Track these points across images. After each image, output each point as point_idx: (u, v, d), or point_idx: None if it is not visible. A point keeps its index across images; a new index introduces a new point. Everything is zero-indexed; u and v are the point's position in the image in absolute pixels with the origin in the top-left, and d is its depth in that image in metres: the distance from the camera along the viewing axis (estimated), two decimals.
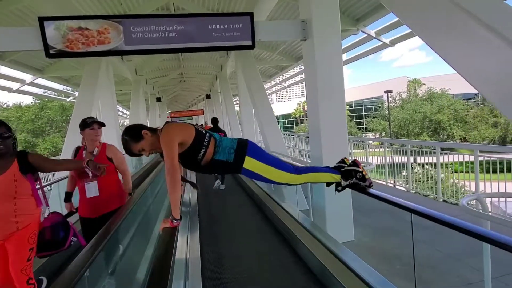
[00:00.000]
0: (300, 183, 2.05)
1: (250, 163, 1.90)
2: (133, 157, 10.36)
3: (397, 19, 8.31)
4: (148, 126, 1.98)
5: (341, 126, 3.37)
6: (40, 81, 12.11)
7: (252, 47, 3.09)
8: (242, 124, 8.41)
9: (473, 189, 5.62)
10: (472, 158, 5.30)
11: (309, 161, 10.99)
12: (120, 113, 25.25)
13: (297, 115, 58.51)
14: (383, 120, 33.05)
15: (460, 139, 28.64)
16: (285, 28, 3.42)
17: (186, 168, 2.06)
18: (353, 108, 46.60)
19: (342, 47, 9.75)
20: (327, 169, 2.12)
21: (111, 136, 7.41)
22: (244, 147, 1.94)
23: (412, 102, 31.83)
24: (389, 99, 34.06)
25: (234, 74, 16.36)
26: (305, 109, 58.62)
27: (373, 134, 32.99)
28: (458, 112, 29.41)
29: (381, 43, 8.83)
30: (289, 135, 14.69)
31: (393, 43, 8.79)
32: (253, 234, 4.13)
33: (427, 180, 10.38)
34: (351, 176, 2.08)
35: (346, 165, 2.14)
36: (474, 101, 33.17)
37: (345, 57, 10.10)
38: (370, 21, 8.38)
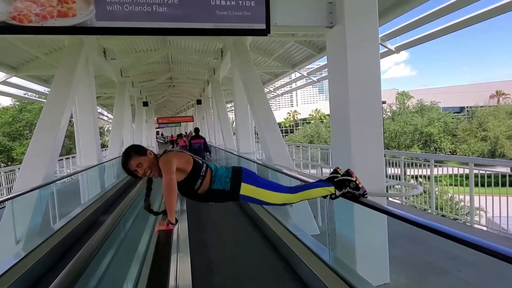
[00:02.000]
0: (295, 202, 2.14)
1: (246, 189, 1.98)
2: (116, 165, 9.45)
3: (405, 23, 7.86)
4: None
5: (377, 139, 2.66)
6: (16, 80, 11.13)
7: (266, 32, 2.37)
8: (237, 131, 7.67)
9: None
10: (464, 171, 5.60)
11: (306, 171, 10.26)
12: (105, 118, 24.07)
13: (287, 125, 58.21)
14: None
15: (450, 152, 28.71)
16: (307, 10, 2.72)
17: (184, 196, 2.09)
18: None
19: None
20: (320, 184, 2.19)
21: (89, 144, 6.54)
22: (239, 174, 2.02)
23: (402, 114, 31.92)
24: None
25: (227, 80, 15.69)
26: (295, 118, 58.61)
27: None
28: (448, 125, 29.60)
29: (386, 49, 8.35)
30: None
31: (398, 49, 8.31)
32: (253, 266, 3.36)
33: (423, 194, 9.96)
34: (344, 185, 2.15)
35: (339, 175, 2.19)
36: (463, 115, 33.59)
37: None
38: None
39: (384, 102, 26.92)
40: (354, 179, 2.14)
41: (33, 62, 9.97)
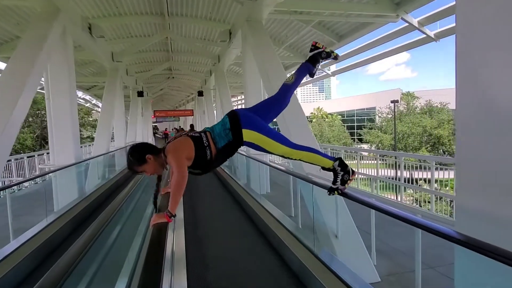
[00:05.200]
0: (294, 158, 1.99)
1: (248, 134, 1.93)
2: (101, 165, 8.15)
3: (446, 6, 6.63)
4: (153, 146, 2.05)
5: None
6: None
7: None
8: None
9: None
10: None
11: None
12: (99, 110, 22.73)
13: None
14: (380, 131, 31.73)
15: None
16: None
17: (206, 172, 2.09)
18: (345, 118, 45.63)
19: (378, 37, 7.99)
20: (322, 154, 2.04)
21: (64, 137, 5.27)
22: (237, 121, 1.95)
23: (410, 115, 30.71)
24: (384, 110, 32.95)
25: (231, 73, 14.45)
26: None
27: (369, 146, 31.57)
28: None
29: (424, 36, 7.12)
30: None
31: (438, 37, 7.10)
32: None
33: (439, 200, 8.97)
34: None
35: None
36: None
37: (381, 49, 8.30)
38: (413, 6, 6.67)
39: (397, 101, 25.72)
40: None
41: (13, 42, 8.76)
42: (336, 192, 2.00)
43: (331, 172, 2.02)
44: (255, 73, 5.61)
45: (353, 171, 2.01)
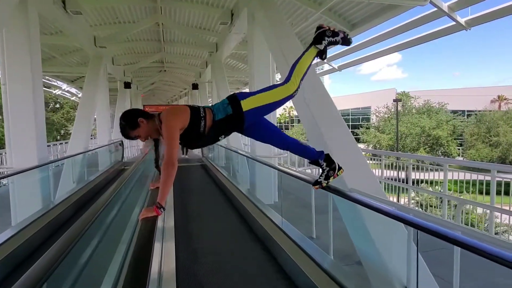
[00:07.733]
0: (295, 88, 1.99)
1: (246, 103, 1.95)
2: (80, 167, 7.06)
3: None
4: (146, 111, 2.01)
5: None
6: None
7: None
8: None
9: None
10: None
11: None
12: None
13: (282, 121, 56.15)
14: (377, 131, 31.07)
15: (458, 156, 27.18)
16: None
17: (191, 148, 2.14)
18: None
19: (402, 23, 7.08)
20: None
21: (24, 133, 4.20)
22: (235, 97, 1.99)
23: (407, 115, 30.15)
24: (382, 110, 32.27)
25: (226, 66, 13.38)
26: (291, 115, 56.45)
27: (366, 146, 30.86)
28: (457, 129, 28.06)
29: (454, 23, 6.24)
30: None
31: (469, 24, 6.24)
32: None
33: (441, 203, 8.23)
34: (322, 38, 1.98)
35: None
36: (464, 117, 32.02)
37: (403, 37, 7.35)
38: None
39: (399, 100, 25.02)
40: (326, 28, 1.97)
41: None
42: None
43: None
44: (264, 60, 4.64)
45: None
